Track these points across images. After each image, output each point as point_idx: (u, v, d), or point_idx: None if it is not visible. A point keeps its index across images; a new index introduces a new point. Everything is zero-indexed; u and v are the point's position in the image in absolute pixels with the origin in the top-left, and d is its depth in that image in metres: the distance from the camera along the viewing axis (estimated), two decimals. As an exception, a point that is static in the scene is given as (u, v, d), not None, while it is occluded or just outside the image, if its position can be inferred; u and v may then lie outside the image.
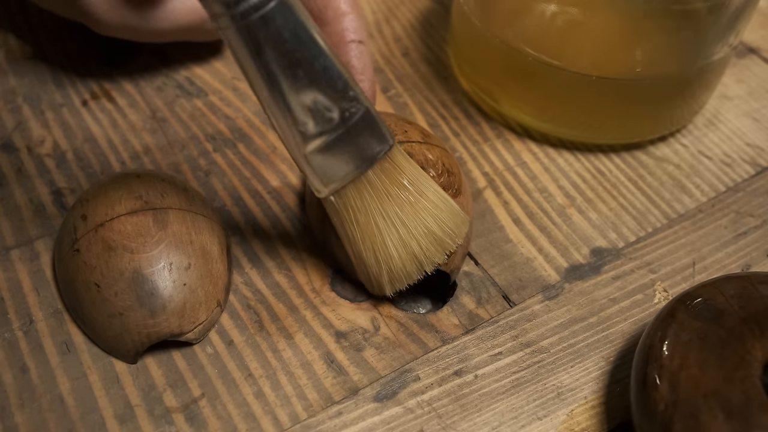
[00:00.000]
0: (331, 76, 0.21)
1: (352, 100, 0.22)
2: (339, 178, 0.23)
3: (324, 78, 0.21)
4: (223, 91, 0.33)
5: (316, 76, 0.21)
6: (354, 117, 0.22)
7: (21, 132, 0.30)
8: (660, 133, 0.31)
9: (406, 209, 0.23)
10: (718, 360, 0.21)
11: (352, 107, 0.22)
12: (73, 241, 0.24)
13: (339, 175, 0.22)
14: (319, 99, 0.21)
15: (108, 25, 0.29)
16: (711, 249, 0.28)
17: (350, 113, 0.22)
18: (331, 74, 0.21)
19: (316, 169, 0.22)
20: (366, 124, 0.22)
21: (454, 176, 0.26)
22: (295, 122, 0.22)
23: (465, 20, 0.31)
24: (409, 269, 0.24)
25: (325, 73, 0.21)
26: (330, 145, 0.22)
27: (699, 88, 0.30)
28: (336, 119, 0.22)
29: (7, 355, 0.24)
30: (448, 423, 0.23)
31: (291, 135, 0.22)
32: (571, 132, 0.31)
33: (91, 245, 0.24)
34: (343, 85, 0.22)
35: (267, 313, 0.25)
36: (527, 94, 0.31)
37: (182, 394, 0.23)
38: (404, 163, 0.24)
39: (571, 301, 0.26)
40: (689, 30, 0.28)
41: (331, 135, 0.22)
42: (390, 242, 0.23)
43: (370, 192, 0.23)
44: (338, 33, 0.28)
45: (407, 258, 0.24)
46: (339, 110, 0.22)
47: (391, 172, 0.23)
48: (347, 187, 0.23)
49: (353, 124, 0.22)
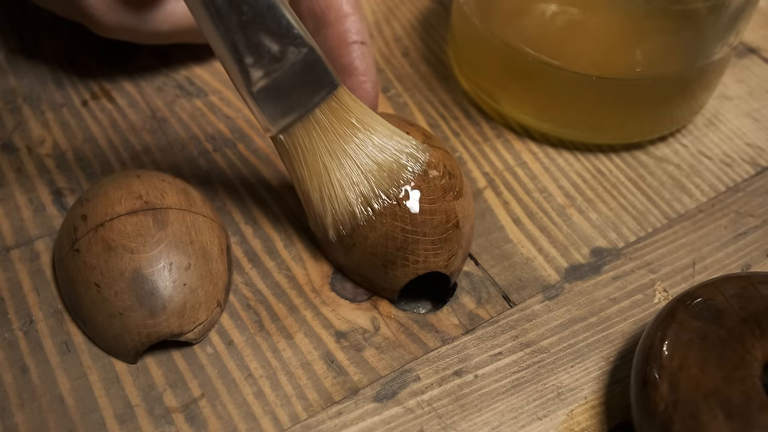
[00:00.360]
0: (274, 14, 0.22)
1: (296, 39, 0.23)
2: (286, 116, 0.23)
3: (268, 16, 0.22)
4: (223, 91, 0.33)
5: (259, 12, 0.22)
6: (298, 56, 0.23)
7: (21, 132, 0.30)
8: (660, 133, 0.31)
9: (354, 146, 0.24)
10: (718, 360, 0.21)
11: (295, 46, 0.23)
12: (73, 241, 0.24)
13: (285, 113, 0.23)
14: (262, 37, 0.22)
15: (107, 26, 0.29)
16: (711, 249, 0.28)
17: (294, 52, 0.23)
18: (274, 12, 0.22)
19: (263, 107, 0.23)
20: (310, 63, 0.23)
21: (455, 178, 0.26)
22: (240, 60, 0.22)
23: (465, 20, 0.31)
24: (353, 209, 0.24)
25: (268, 10, 0.22)
26: (275, 84, 0.23)
27: (699, 88, 0.30)
28: (280, 58, 0.22)
29: (7, 355, 0.24)
30: (448, 423, 0.23)
31: (237, 73, 0.23)
32: (571, 132, 0.31)
33: (91, 245, 0.24)
34: (287, 24, 0.22)
35: (267, 313, 0.25)
36: (527, 94, 0.31)
37: (182, 394, 0.23)
38: (351, 103, 0.24)
39: (571, 301, 0.26)
40: (689, 30, 0.28)
41: (275, 73, 0.23)
42: (336, 180, 0.24)
43: (318, 131, 0.24)
44: (340, 34, 0.28)
45: (353, 196, 0.24)
46: (283, 49, 0.22)
47: (339, 111, 0.24)
48: (295, 126, 0.24)
49: (297, 63, 0.23)
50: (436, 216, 0.25)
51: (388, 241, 0.25)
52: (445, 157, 0.26)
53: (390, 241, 0.25)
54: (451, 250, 0.25)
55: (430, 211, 0.25)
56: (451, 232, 0.25)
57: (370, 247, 0.25)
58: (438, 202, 0.25)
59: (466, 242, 0.26)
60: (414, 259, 0.25)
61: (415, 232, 0.24)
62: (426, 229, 0.25)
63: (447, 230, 0.25)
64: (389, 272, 0.25)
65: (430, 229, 0.25)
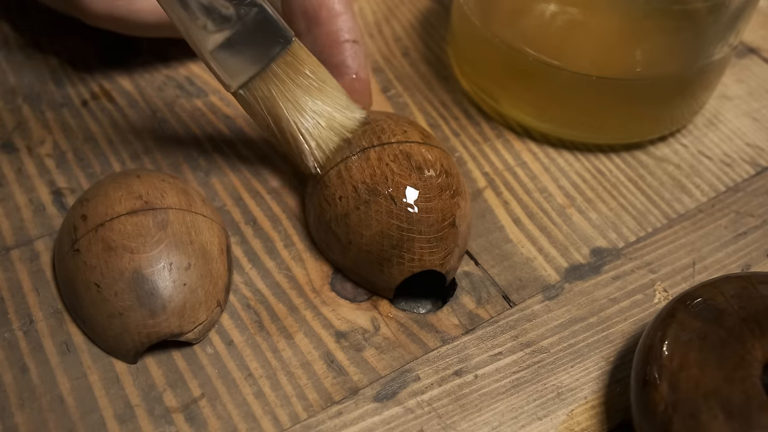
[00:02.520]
0: None
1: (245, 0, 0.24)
2: (243, 72, 0.25)
3: None
4: (223, 91, 0.33)
5: None
6: (249, 14, 0.24)
7: (21, 132, 0.30)
8: (660, 133, 0.31)
9: (313, 93, 0.26)
10: (718, 360, 0.21)
11: (246, 6, 0.24)
12: (73, 241, 0.24)
13: (243, 69, 0.25)
14: (213, 1, 0.24)
15: (96, 14, 0.29)
16: (711, 249, 0.28)
17: (245, 11, 0.24)
18: None
19: (222, 64, 0.25)
20: (262, 21, 0.25)
21: (452, 177, 0.26)
22: (195, 20, 0.24)
23: (465, 20, 0.31)
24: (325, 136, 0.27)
25: None
26: (231, 42, 0.25)
27: (699, 88, 0.30)
28: (232, 16, 0.24)
29: (7, 355, 0.24)
30: (448, 423, 0.23)
31: (194, 34, 0.24)
32: (571, 132, 0.31)
33: (91, 245, 0.24)
34: None
35: (267, 313, 0.25)
36: (527, 94, 0.31)
37: (182, 394, 0.23)
38: (305, 57, 0.26)
39: (571, 301, 0.26)
40: (689, 30, 0.28)
41: (229, 31, 0.24)
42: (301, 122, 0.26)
43: (276, 83, 0.26)
44: (333, 33, 0.28)
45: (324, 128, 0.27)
46: (234, 8, 0.24)
47: (294, 65, 0.26)
48: (255, 81, 0.25)
49: (250, 20, 0.24)
50: (432, 214, 0.25)
51: (383, 239, 0.25)
52: (442, 155, 0.26)
53: (386, 239, 0.25)
54: (447, 249, 0.25)
55: (426, 209, 0.25)
56: (447, 230, 0.25)
57: (366, 245, 0.25)
58: (434, 201, 0.25)
59: (463, 241, 0.26)
60: (409, 257, 0.25)
61: (411, 230, 0.25)
62: (422, 227, 0.25)
63: (443, 228, 0.25)
64: (385, 270, 0.25)
65: (425, 227, 0.25)
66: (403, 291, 0.26)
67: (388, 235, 0.25)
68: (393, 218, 0.24)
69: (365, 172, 0.25)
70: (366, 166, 0.25)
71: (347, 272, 0.26)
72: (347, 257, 0.26)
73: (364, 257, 0.25)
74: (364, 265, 0.25)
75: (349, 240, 0.25)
